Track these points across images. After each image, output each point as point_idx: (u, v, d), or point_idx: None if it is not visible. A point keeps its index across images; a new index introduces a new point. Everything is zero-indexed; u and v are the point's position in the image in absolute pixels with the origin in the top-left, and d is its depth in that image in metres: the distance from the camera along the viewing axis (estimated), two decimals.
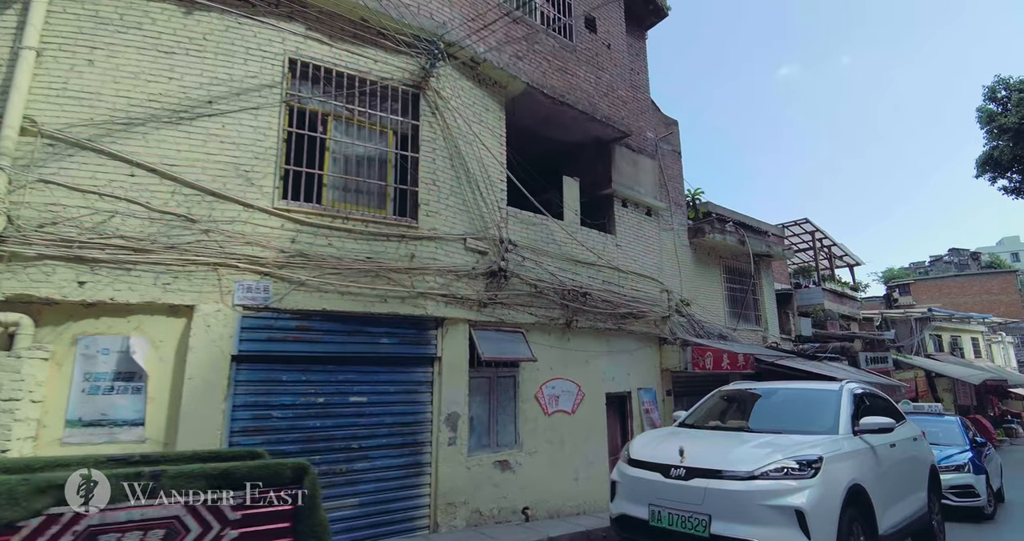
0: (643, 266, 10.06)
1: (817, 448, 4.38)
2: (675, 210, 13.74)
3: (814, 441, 4.59)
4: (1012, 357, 37.09)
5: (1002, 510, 9.70)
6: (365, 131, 6.57)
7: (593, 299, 8.66)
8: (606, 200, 9.84)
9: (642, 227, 10.32)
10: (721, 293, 14.47)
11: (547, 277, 8.03)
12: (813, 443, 4.52)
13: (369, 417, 5.99)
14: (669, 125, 14.40)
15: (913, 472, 5.89)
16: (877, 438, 5.14)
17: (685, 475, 4.41)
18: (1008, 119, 15.18)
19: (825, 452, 4.34)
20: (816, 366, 13.08)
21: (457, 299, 6.76)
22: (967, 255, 56.14)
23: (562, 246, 8.51)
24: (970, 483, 8.35)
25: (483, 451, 6.95)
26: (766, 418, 5.69)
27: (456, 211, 7.02)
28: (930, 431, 10.05)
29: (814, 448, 4.38)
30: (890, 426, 5.01)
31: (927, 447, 6.63)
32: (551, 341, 8.11)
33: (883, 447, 5.22)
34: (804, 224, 23.60)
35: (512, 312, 7.50)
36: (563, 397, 8.07)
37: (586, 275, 8.74)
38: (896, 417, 6.40)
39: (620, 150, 10.11)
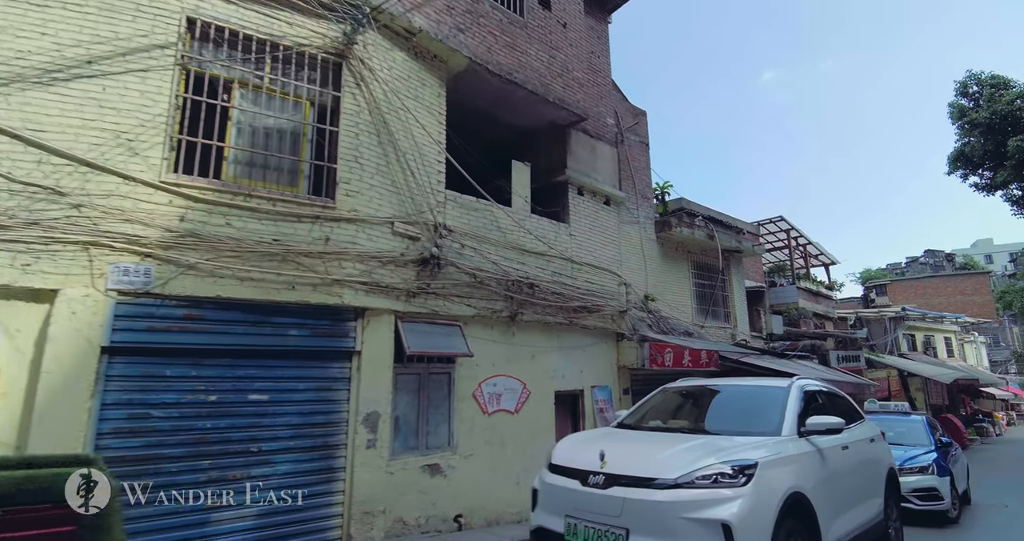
0: (600, 258, 9.54)
1: (753, 452, 3.87)
2: (641, 203, 13.27)
3: (753, 443, 4.09)
4: (984, 357, 37.43)
5: (968, 513, 9.34)
6: (277, 101, 5.95)
7: (542, 291, 8.12)
8: (560, 187, 9.30)
9: (599, 217, 9.80)
10: (689, 289, 14.03)
11: (489, 267, 7.47)
12: (751, 446, 4.01)
13: (272, 417, 5.37)
14: (637, 115, 13.93)
15: (868, 476, 5.43)
16: (826, 440, 4.65)
17: (603, 483, 3.87)
18: (979, 114, 14.97)
19: (761, 456, 3.82)
20: (783, 364, 12.69)
21: (381, 288, 6.16)
22: (942, 256, 56.79)
23: (508, 234, 7.95)
24: (933, 486, 7.96)
25: (409, 454, 6.36)
26: (708, 418, 5.20)
27: (383, 192, 6.42)
28: (895, 431, 9.69)
29: (749, 452, 3.86)
30: (838, 427, 4.52)
31: (886, 449, 6.19)
32: (493, 336, 7.54)
33: (833, 450, 4.74)
34: (779, 221, 23.34)
35: (448, 304, 6.92)
36: (506, 395, 7.51)
37: (534, 265, 8.19)
38: (854, 417, 5.96)
39: (577, 135, 9.58)
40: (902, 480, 7.99)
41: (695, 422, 5.13)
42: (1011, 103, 14.32)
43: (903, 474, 8.08)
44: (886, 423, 10.09)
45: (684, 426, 5.06)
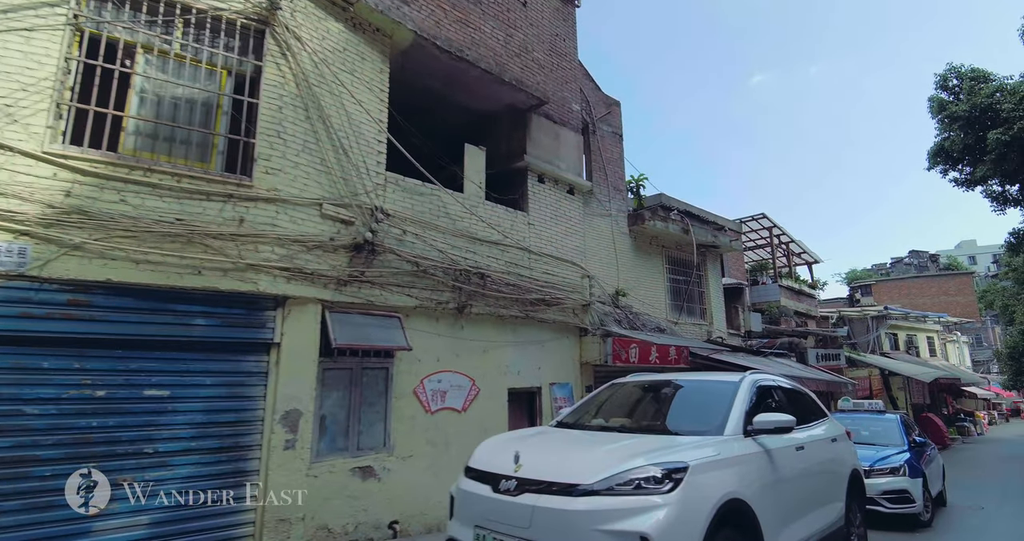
0: (561, 249, 9.08)
1: (686, 453, 3.41)
2: (614, 195, 12.87)
3: (691, 443, 3.63)
4: (967, 356, 37.48)
5: (942, 515, 8.99)
6: (189, 69, 5.42)
7: (494, 282, 7.64)
8: (519, 174, 8.83)
9: (562, 206, 9.34)
10: (663, 284, 13.63)
11: (435, 255, 6.98)
12: (687, 446, 3.55)
13: (172, 415, 4.84)
14: (610, 105, 13.53)
15: (828, 479, 5.00)
16: (776, 440, 4.21)
17: (515, 489, 3.39)
18: (958, 108, 14.67)
19: (695, 458, 3.36)
20: (757, 361, 12.31)
21: (305, 275, 5.65)
22: (926, 257, 57.04)
23: (457, 221, 7.46)
24: (904, 488, 7.56)
25: (337, 455, 5.85)
26: (651, 415, 4.75)
27: (310, 171, 5.91)
28: (868, 430, 9.33)
29: (682, 453, 3.40)
30: (787, 425, 4.08)
31: (850, 449, 5.76)
32: (439, 329, 7.06)
33: (784, 450, 4.30)
34: (761, 219, 23.05)
35: (386, 293, 6.42)
36: (452, 392, 7.03)
37: (487, 255, 7.71)
38: (814, 415, 5.54)
39: (538, 120, 9.12)
40: (872, 482, 7.62)
41: (638, 420, 4.68)
42: (990, 96, 14.03)
43: (873, 476, 7.69)
44: (859, 422, 9.75)
45: (626, 424, 4.61)
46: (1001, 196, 16.17)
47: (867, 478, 7.64)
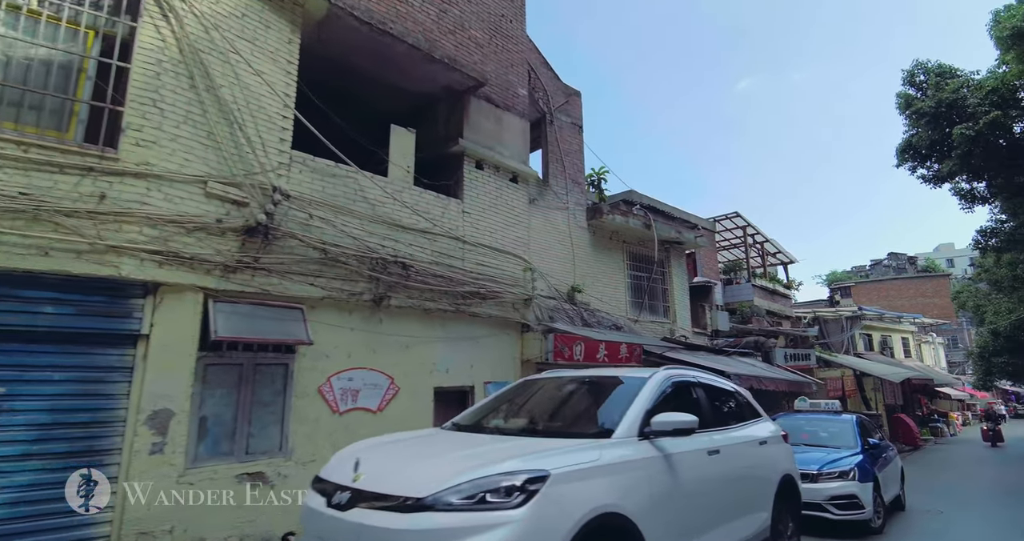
0: (502, 240, 8.57)
1: (549, 459, 2.90)
2: (572, 188, 12.41)
3: (563, 448, 3.12)
4: (942, 357, 37.58)
5: (897, 521, 8.59)
6: (46, 27, 4.82)
7: (420, 273, 7.11)
8: (455, 159, 8.30)
9: (503, 195, 8.83)
10: (624, 281, 13.19)
11: (348, 242, 6.44)
12: (556, 451, 3.05)
13: (8, 414, 4.25)
14: (569, 95, 13.07)
15: (751, 486, 4.53)
16: (681, 443, 3.72)
17: (346, 502, 2.86)
18: (925, 103, 14.41)
19: (558, 466, 2.85)
20: (716, 360, 11.90)
21: (183, 259, 5.07)
22: (904, 259, 57.46)
23: (378, 206, 6.92)
24: (853, 492, 7.13)
25: (220, 460, 5.27)
26: (548, 415, 4.24)
27: (194, 145, 5.34)
28: (822, 432, 8.92)
29: (544, 459, 2.89)
30: (688, 426, 3.58)
31: (784, 453, 5.28)
32: (352, 322, 6.50)
33: (691, 455, 3.82)
34: (735, 218, 22.77)
35: (285, 282, 5.86)
36: (366, 391, 6.47)
37: (411, 243, 7.17)
38: (743, 416, 5.08)
39: (478, 103, 8.61)
40: (819, 486, 7.21)
41: (537, 420, 4.16)
42: (956, 91, 13.77)
43: (821, 480, 7.27)
44: (815, 423, 9.36)
45: (523, 426, 4.09)
46: (969, 194, 15.95)
47: (814, 483, 7.28)
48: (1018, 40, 11.35)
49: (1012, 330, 18.41)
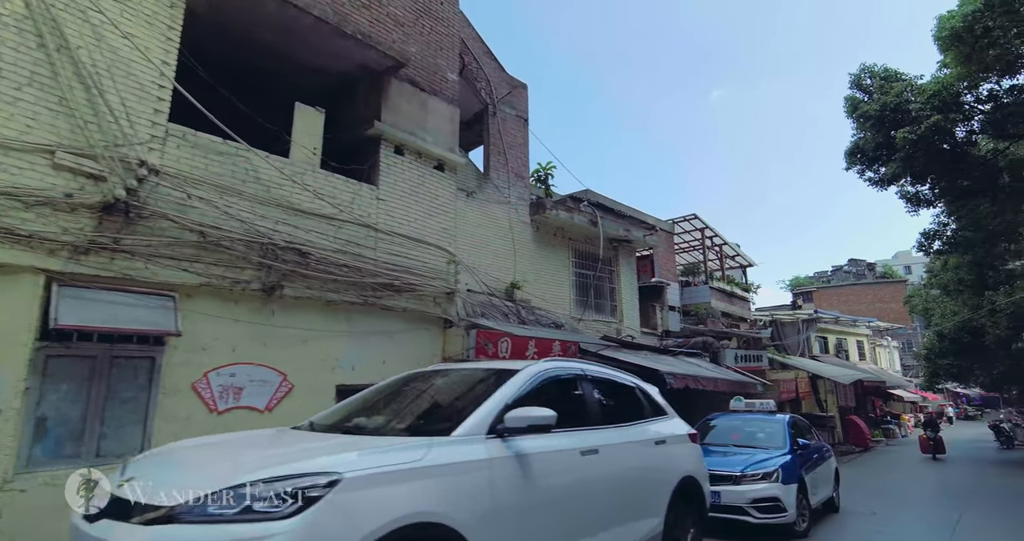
0: (423, 230, 8.11)
1: (347, 459, 2.46)
2: (515, 182, 12.04)
3: (377, 447, 2.70)
4: (896, 360, 38.39)
5: (827, 523, 8.39)
6: None
7: (322, 262, 6.60)
8: (371, 142, 7.82)
9: (427, 183, 8.37)
10: (569, 279, 12.86)
11: (235, 225, 5.90)
12: (370, 450, 2.62)
13: None
14: (514, 87, 12.72)
15: (640, 489, 4.15)
16: (543, 442, 3.32)
17: (96, 513, 2.38)
18: (870, 106, 14.49)
19: (358, 467, 2.42)
20: (658, 360, 11.64)
21: (18, 237, 4.48)
22: (864, 265, 58.87)
23: (274, 189, 6.40)
24: (775, 495, 6.87)
25: (63, 464, 4.66)
26: (407, 411, 3.80)
27: (40, 111, 4.76)
28: (753, 432, 8.68)
29: (340, 459, 2.46)
30: (543, 422, 3.17)
31: (686, 453, 4.93)
32: (238, 313, 5.96)
33: (557, 456, 3.42)
34: (693, 220, 22.73)
35: (154, 267, 5.30)
36: (252, 389, 5.93)
37: (313, 230, 6.66)
38: (642, 413, 4.73)
39: (400, 85, 8.14)
40: (740, 489, 6.93)
41: (392, 418, 3.71)
42: (899, 95, 13.88)
43: (743, 482, 6.99)
44: (747, 423, 9.12)
45: (377, 424, 3.64)
46: (915, 197, 16.14)
47: (737, 485, 7.00)
48: (956, 41, 11.42)
49: (956, 332, 18.71)
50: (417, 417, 3.59)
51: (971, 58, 11.54)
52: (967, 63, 11.69)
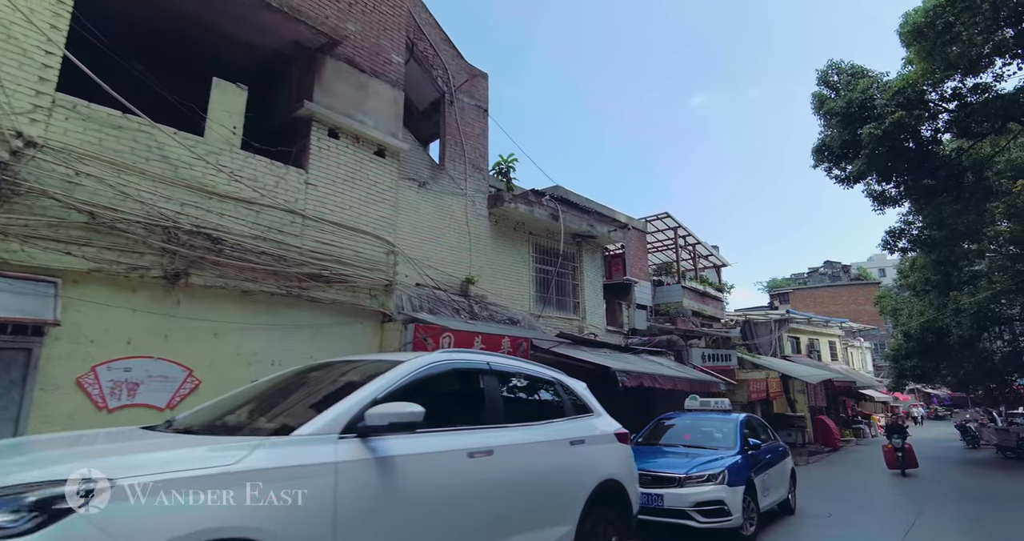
0: (358, 218, 7.66)
1: (128, 463, 2.05)
2: (472, 173, 11.64)
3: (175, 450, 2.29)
4: (869, 361, 38.72)
5: (779, 526, 8.12)
6: None
7: (237, 248, 6.13)
8: (302, 124, 7.36)
9: (365, 168, 7.92)
10: (528, 274, 12.49)
11: (134, 206, 5.41)
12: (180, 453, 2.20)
13: None
14: (473, 75, 12.33)
15: (543, 494, 3.75)
16: (415, 442, 2.93)
17: None
18: (837, 103, 14.36)
19: (141, 473, 2.00)
20: (617, 357, 11.31)
21: None
22: (839, 267, 59.52)
23: (183, 169, 5.91)
24: (720, 498, 6.54)
25: None
26: (274, 409, 3.37)
27: None
28: (704, 432, 8.38)
29: (118, 462, 2.04)
30: (407, 419, 2.77)
31: (610, 454, 4.54)
32: (136, 302, 5.47)
33: (433, 458, 3.03)
34: (665, 218, 22.54)
35: (32, 250, 4.79)
36: (151, 385, 5.45)
37: (229, 214, 6.18)
38: (566, 410, 4.36)
39: (336, 65, 7.69)
40: (683, 492, 6.60)
41: (255, 415, 3.28)
42: (865, 91, 13.76)
43: (687, 484, 6.66)
44: (700, 423, 8.82)
45: (239, 421, 3.20)
46: (881, 196, 16.07)
47: (681, 488, 6.66)
48: (918, 36, 11.28)
49: (922, 332, 18.71)
50: (276, 414, 3.16)
51: (933, 54, 11.42)
52: (930, 59, 11.57)
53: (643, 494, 6.69)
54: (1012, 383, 21.72)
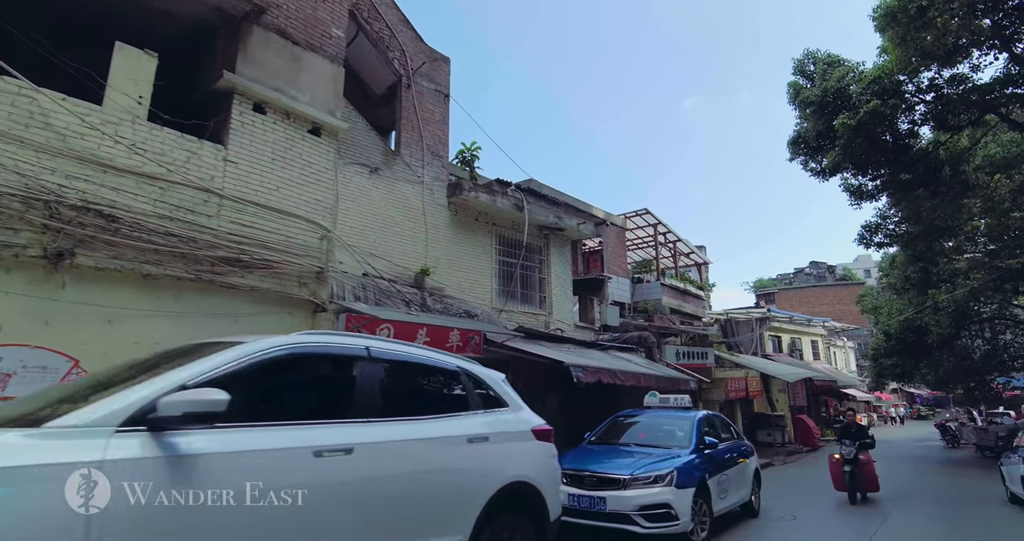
0: (288, 200, 7.12)
1: None
2: (430, 161, 11.12)
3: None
4: (852, 361, 38.57)
5: (735, 531, 7.66)
6: None
7: (137, 228, 5.57)
8: (223, 97, 6.81)
9: (297, 147, 7.38)
10: (491, 267, 11.98)
11: (9, 178, 4.84)
12: None
13: None
14: (434, 60, 11.81)
15: (425, 499, 3.23)
16: (235, 437, 2.43)
17: None
18: (812, 92, 13.99)
19: None
20: (578, 353, 10.84)
21: None
22: (824, 268, 59.56)
23: (73, 139, 5.34)
24: (666, 501, 6.06)
25: None
26: (83, 396, 2.83)
27: None
28: (659, 430, 7.90)
29: None
30: (207, 408, 2.26)
31: (519, 454, 4.03)
32: (10, 284, 4.89)
33: (258, 457, 2.52)
34: (645, 215, 22.11)
35: None
36: (26, 376, 4.87)
37: (125, 189, 5.62)
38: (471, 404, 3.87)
39: (265, 35, 7.15)
40: (628, 494, 6.13)
41: (57, 404, 2.74)
42: (840, 79, 13.38)
43: (632, 486, 6.18)
44: (657, 420, 8.35)
45: (25, 412, 2.67)
46: (858, 190, 15.72)
47: (624, 490, 6.18)
48: (891, 21, 10.91)
49: (902, 331, 18.41)
50: (77, 401, 2.64)
51: (907, 41, 11.04)
52: (904, 46, 11.19)
53: (584, 497, 6.26)
54: (991, 382, 21.50)
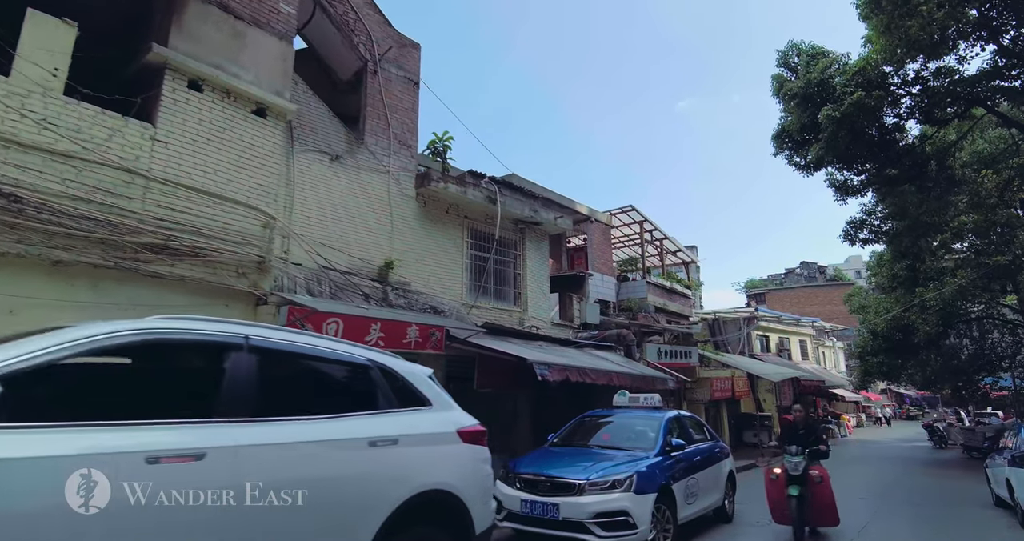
0: (226, 184, 6.65)
1: None
2: (398, 150, 10.67)
3: None
4: (841, 361, 38.35)
5: (708, 536, 7.27)
6: None
7: (47, 210, 5.10)
8: (154, 72, 6.33)
9: (238, 128, 6.90)
10: (462, 262, 11.53)
11: None
12: None
13: None
14: (403, 45, 11.37)
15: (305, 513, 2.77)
16: (27, 439, 1.97)
17: None
18: (796, 84, 13.62)
19: None
20: (549, 351, 10.42)
21: None
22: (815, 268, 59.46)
23: None
24: (623, 508, 5.62)
25: None
26: None
27: None
28: (624, 431, 7.48)
29: None
30: None
31: (437, 458, 3.56)
32: None
33: (47, 465, 2.06)
34: (630, 212, 21.69)
35: None
36: None
37: (32, 168, 5.14)
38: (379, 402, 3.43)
39: (203, 8, 6.67)
40: (584, 501, 5.70)
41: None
42: (824, 71, 13.03)
43: (587, 492, 5.75)
44: (624, 420, 7.93)
45: None
46: (843, 186, 15.38)
47: (580, 496, 5.74)
48: (875, 7, 10.54)
49: (888, 329, 18.10)
50: None
51: (892, 28, 10.67)
52: (888, 34, 10.83)
53: (538, 503, 5.83)
54: (978, 382, 21.24)
